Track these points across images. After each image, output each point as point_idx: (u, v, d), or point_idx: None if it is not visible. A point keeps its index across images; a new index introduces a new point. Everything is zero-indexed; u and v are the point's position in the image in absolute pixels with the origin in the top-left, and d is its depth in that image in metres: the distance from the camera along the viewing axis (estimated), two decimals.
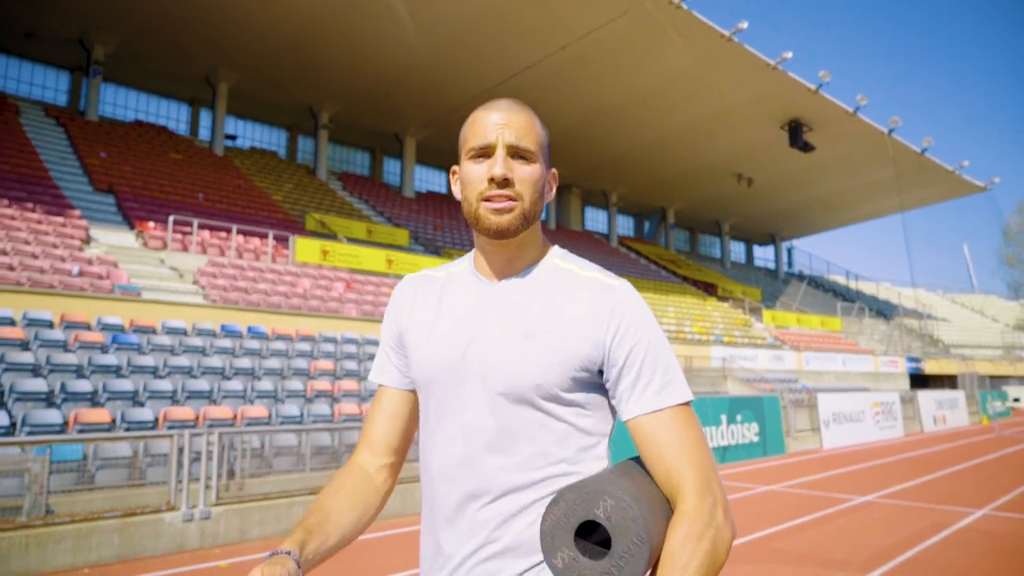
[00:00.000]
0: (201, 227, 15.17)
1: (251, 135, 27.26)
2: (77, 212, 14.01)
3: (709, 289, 30.33)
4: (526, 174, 1.00)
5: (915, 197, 31.60)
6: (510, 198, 0.99)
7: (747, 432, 10.75)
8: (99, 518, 5.29)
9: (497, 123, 1.01)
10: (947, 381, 26.87)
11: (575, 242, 30.75)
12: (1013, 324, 37.01)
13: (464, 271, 1.12)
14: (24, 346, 8.07)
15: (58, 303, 9.79)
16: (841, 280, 41.46)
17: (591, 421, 1.00)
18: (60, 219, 13.27)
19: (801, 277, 39.95)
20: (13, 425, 6.43)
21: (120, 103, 24.17)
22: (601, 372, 0.99)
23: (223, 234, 15.54)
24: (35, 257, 11.13)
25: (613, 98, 24.67)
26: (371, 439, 1.14)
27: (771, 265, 41.32)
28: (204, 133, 25.58)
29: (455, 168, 1.09)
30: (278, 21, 19.44)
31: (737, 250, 40.92)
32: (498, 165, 0.98)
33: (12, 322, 8.64)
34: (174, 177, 18.94)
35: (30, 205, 13.25)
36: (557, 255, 1.09)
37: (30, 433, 6.26)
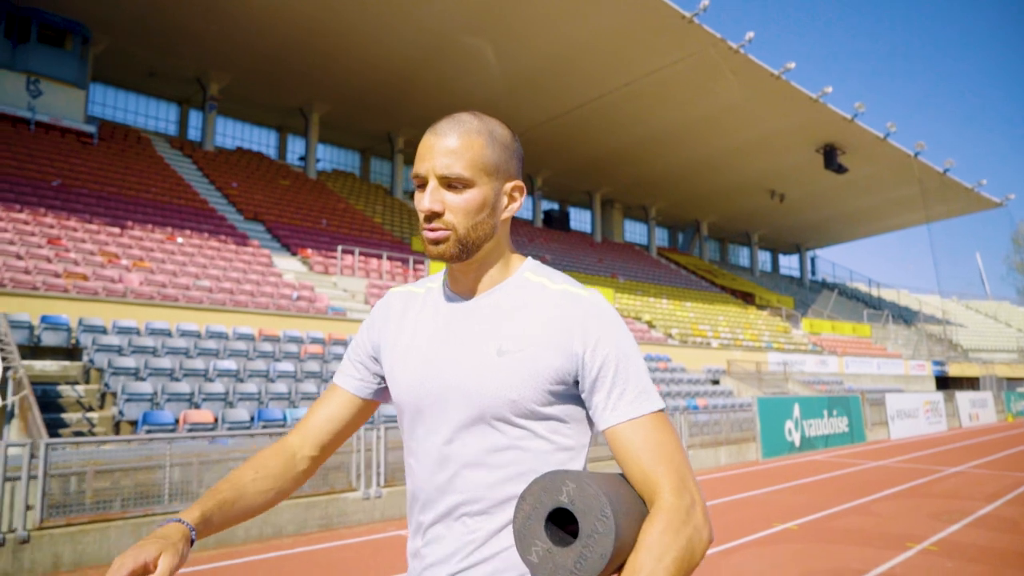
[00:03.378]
0: (344, 252, 17.98)
1: (328, 157, 30.03)
2: (256, 242, 16.79)
3: (747, 298, 33.31)
4: (457, 203, 1.01)
5: (937, 211, 34.74)
6: (442, 229, 1.01)
7: (840, 424, 13.74)
8: (313, 495, 6.59)
9: (431, 150, 1.01)
10: (967, 383, 29.95)
11: (618, 253, 33.71)
12: None
13: (439, 287, 1.13)
14: (244, 355, 10.52)
15: (274, 321, 12.50)
16: (863, 287, 44.66)
17: (570, 434, 1.02)
18: (248, 249, 16.04)
19: (826, 285, 43.08)
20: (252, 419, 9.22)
21: (219, 131, 26.89)
22: (577, 383, 1.01)
23: (362, 258, 18.32)
24: (238, 282, 13.82)
25: (663, 125, 27.56)
26: (307, 428, 1.16)
27: (795, 273, 44.41)
28: (290, 157, 28.37)
29: None
30: (368, 59, 22.11)
31: (763, 259, 43.97)
32: (425, 198, 1.01)
33: (225, 336, 11.22)
34: (294, 203, 21.71)
35: (227, 239, 16.03)
36: (528, 269, 1.10)
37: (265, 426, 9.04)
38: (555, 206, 36.34)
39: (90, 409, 8.02)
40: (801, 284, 42.24)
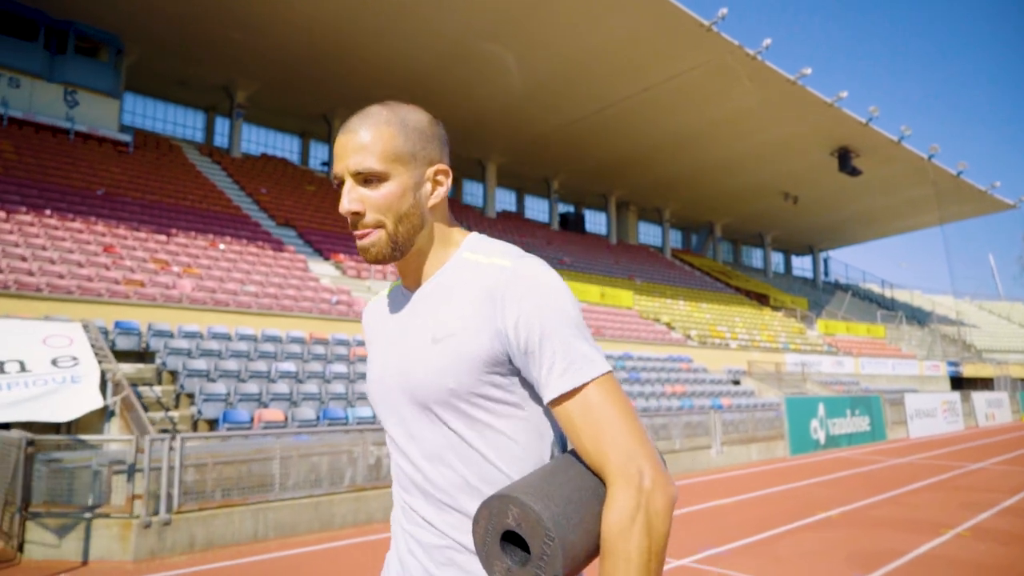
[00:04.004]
0: None
1: None
2: (291, 247, 17.42)
3: (761, 299, 33.80)
4: (376, 199, 0.99)
5: (950, 213, 35.15)
6: (371, 228, 0.99)
7: (862, 423, 14.27)
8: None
9: (344, 149, 0.99)
10: (981, 383, 30.35)
11: (634, 255, 34.25)
12: None
13: (398, 287, 1.14)
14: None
15: (321, 325, 13.11)
16: (876, 288, 45.07)
17: (527, 417, 0.99)
18: (285, 254, 16.67)
19: (839, 286, 43.51)
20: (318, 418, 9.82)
21: (244, 137, 27.55)
22: (511, 361, 0.97)
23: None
24: (280, 287, 14.42)
25: (679, 129, 28.09)
26: None
27: (808, 274, 44.85)
28: (313, 162, 29.04)
29: None
30: (390, 67, 22.68)
31: (776, 260, 44.42)
32: (344, 200, 0.99)
33: (279, 339, 12.02)
34: (321, 208, 22.34)
35: (264, 244, 16.67)
36: (467, 248, 1.07)
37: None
38: (571, 208, 36.91)
39: (168, 409, 8.63)
40: (814, 285, 42.69)
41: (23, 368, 7.31)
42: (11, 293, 10.00)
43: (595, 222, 38.03)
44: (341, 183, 1.01)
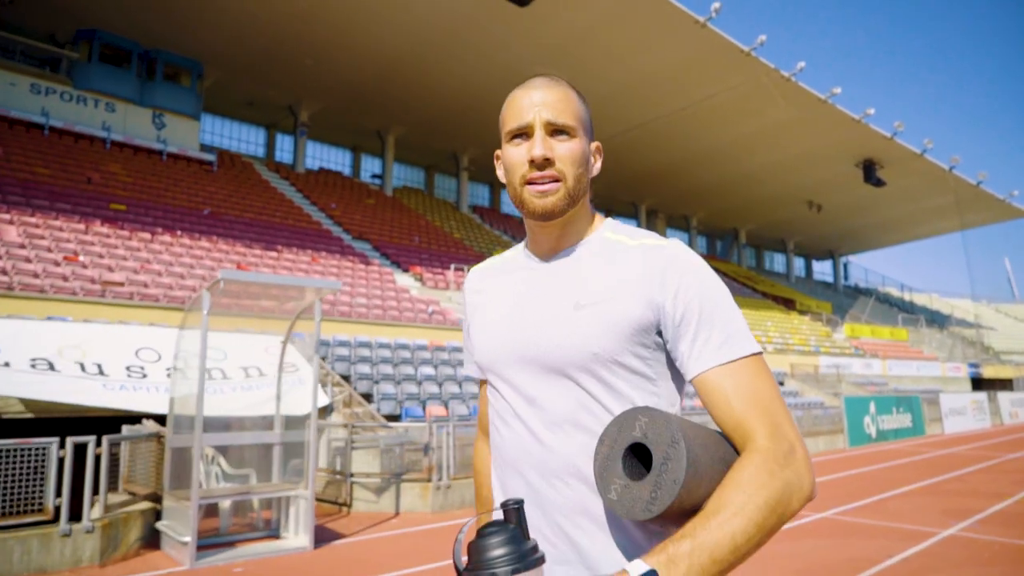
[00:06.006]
0: (444, 267, 20.48)
1: (396, 174, 32.53)
2: (375, 261, 19.32)
3: (788, 304, 35.69)
4: (566, 151, 1.02)
5: (969, 220, 37.07)
6: (554, 179, 1.02)
7: (905, 420, 16.23)
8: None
9: (533, 102, 1.03)
10: (999, 384, 32.23)
11: None
12: None
13: (519, 255, 1.17)
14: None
15: (434, 334, 14.97)
16: (895, 292, 47.02)
17: (657, 392, 1.01)
18: (373, 268, 18.56)
19: (859, 290, 45.44)
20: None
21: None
22: (660, 334, 1.00)
23: (456, 271, 20.81)
24: (381, 299, 16.27)
25: (711, 143, 29.99)
26: (483, 427, 1.28)
27: (829, 279, 46.76)
28: (363, 175, 30.94)
29: (498, 152, 1.12)
30: (443, 89, 24.52)
31: (798, 265, 46.34)
32: (537, 146, 1.01)
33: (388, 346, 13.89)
34: (386, 221, 24.24)
35: (354, 258, 18.57)
36: (608, 228, 1.12)
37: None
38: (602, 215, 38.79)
39: (349, 406, 10.51)
40: (835, 289, 44.60)
41: (260, 373, 9.20)
42: (162, 306, 11.79)
43: None
44: (524, 133, 1.04)
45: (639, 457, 0.90)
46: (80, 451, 4.90)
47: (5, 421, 7.85)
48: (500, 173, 1.11)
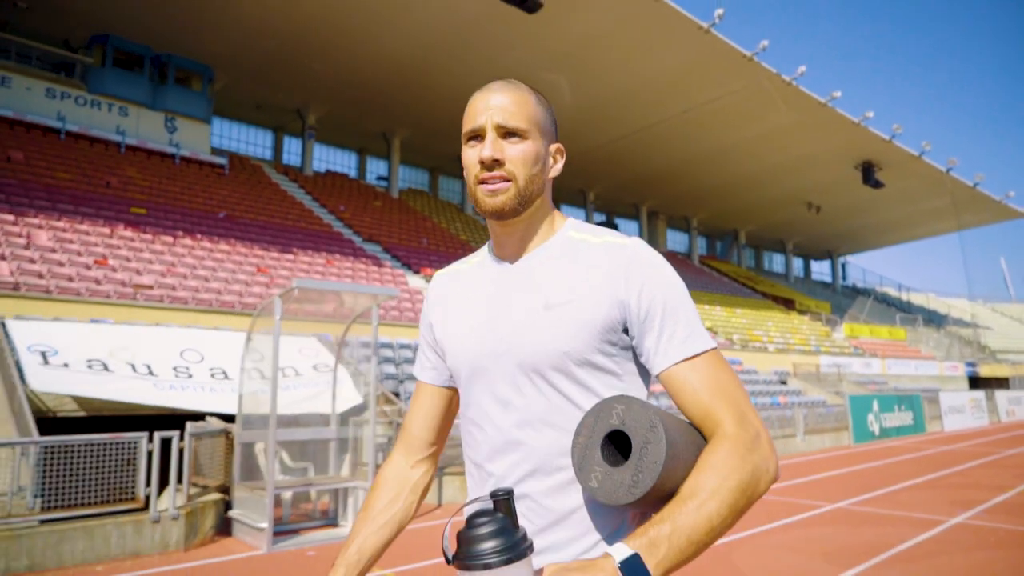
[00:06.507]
0: None
1: (401, 175, 32.94)
2: (387, 263, 19.75)
3: (787, 304, 36.27)
4: (517, 153, 1.06)
5: (966, 221, 37.74)
6: (503, 178, 1.06)
7: (907, 417, 16.78)
8: None
9: (488, 105, 1.08)
10: (996, 383, 32.87)
11: None
12: None
13: (485, 258, 1.20)
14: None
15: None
16: (892, 292, 47.71)
17: (627, 390, 1.05)
18: (385, 269, 19.00)
19: (857, 290, 46.10)
20: None
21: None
22: (627, 331, 1.04)
23: None
24: (400, 301, 16.68)
25: (713, 146, 30.50)
26: (409, 435, 1.25)
27: (827, 279, 47.41)
28: (369, 177, 31.36)
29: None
30: (449, 93, 24.73)
31: (796, 265, 46.96)
32: (487, 147, 1.05)
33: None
34: (394, 223, 24.67)
35: (366, 260, 19.00)
36: (571, 227, 1.15)
37: None
38: (603, 217, 39.29)
39: (381, 404, 10.95)
40: (833, 289, 45.24)
41: (297, 373, 9.65)
42: (195, 308, 12.22)
43: (626, 230, 40.37)
44: (477, 136, 1.08)
45: (616, 446, 0.93)
46: (164, 445, 5.34)
47: (57, 419, 8.29)
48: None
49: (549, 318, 1.03)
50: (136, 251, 14.07)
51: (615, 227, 38.57)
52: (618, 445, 0.92)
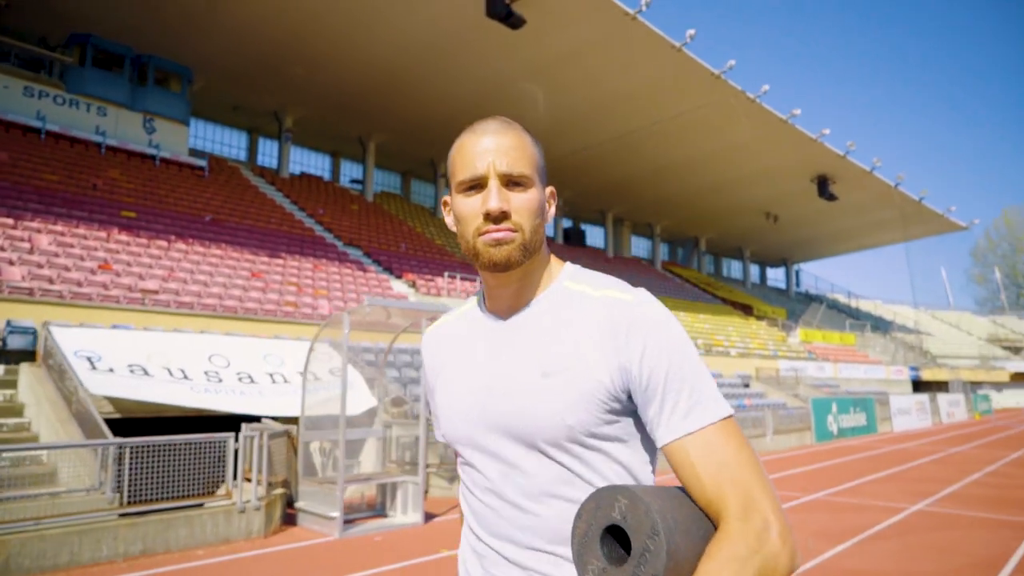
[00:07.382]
0: (436, 274, 21.65)
1: (375, 179, 33.40)
2: (371, 268, 20.35)
3: (746, 310, 38.01)
4: (523, 203, 0.99)
5: (912, 232, 40.18)
6: (510, 230, 0.98)
7: (861, 419, 18.27)
8: None
9: (487, 149, 0.99)
10: (936, 386, 35.19)
11: (627, 268, 38.01)
12: (986, 337, 46.31)
13: (475, 311, 1.12)
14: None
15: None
16: (842, 299, 50.24)
17: (633, 455, 1.00)
18: (369, 274, 19.61)
19: (809, 296, 48.40)
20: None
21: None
22: (631, 398, 0.98)
23: (449, 279, 22.00)
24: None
25: (678, 157, 31.92)
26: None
27: (782, 285, 49.62)
28: (343, 180, 31.77)
29: (446, 199, 1.07)
30: (424, 99, 25.66)
31: (753, 272, 49.02)
32: (492, 199, 0.97)
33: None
34: (369, 226, 25.22)
35: (351, 265, 19.57)
36: (568, 276, 1.07)
37: None
38: (570, 223, 40.43)
39: (396, 406, 11.66)
40: (788, 296, 47.41)
41: (315, 377, 10.31)
42: (213, 314, 12.74)
43: (592, 236, 41.66)
44: (478, 184, 0.99)
45: (616, 536, 0.89)
46: (245, 444, 6.03)
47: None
48: (449, 222, 1.06)
49: (547, 386, 0.97)
50: (135, 255, 14.42)
51: (583, 234, 39.77)
52: (619, 538, 0.88)
